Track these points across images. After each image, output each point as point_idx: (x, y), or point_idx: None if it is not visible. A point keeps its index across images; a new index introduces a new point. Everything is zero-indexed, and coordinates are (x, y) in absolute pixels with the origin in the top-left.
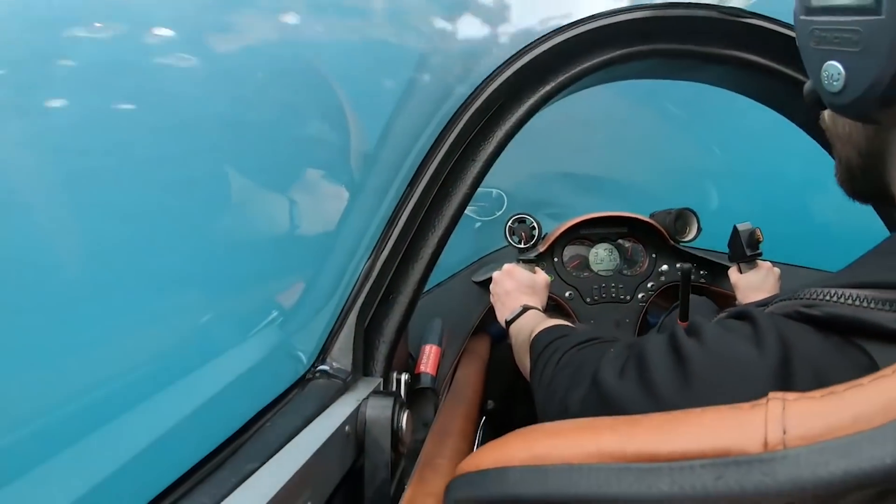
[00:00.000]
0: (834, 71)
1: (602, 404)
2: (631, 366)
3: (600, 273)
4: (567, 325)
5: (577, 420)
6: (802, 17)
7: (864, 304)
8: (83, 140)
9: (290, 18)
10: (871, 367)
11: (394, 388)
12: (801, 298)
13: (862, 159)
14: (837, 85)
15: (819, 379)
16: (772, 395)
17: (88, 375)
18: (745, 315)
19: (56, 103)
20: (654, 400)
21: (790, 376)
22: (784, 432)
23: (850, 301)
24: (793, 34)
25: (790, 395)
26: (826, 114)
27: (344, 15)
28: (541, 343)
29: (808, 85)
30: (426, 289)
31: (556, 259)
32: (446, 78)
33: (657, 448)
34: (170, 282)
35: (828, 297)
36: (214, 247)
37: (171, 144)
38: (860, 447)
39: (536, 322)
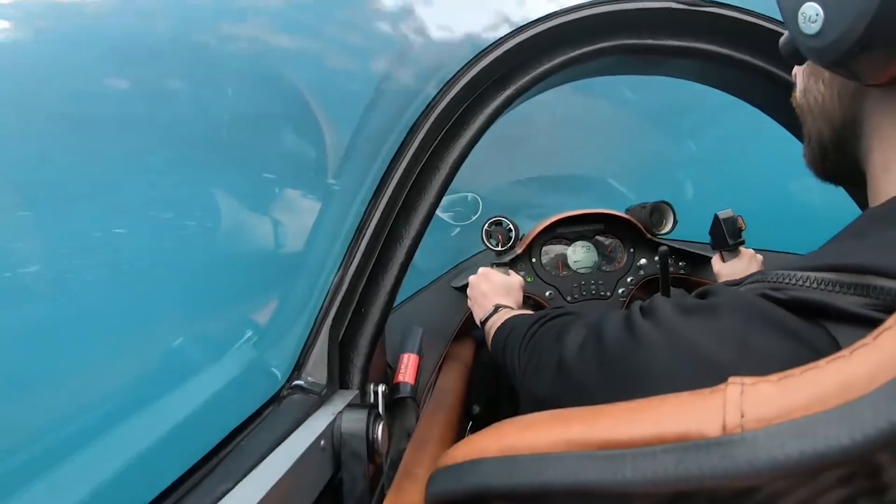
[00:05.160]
0: (812, 11)
1: (564, 380)
2: (590, 341)
3: (579, 271)
4: (518, 316)
5: (547, 412)
6: None
7: (828, 287)
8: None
9: (250, 27)
10: (834, 347)
11: (371, 400)
12: (768, 281)
13: (835, 133)
14: (815, 27)
15: (780, 361)
16: (731, 379)
17: (59, 398)
18: (708, 292)
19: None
20: (609, 375)
21: (749, 360)
22: (742, 416)
23: (814, 285)
24: (754, 20)
25: (748, 380)
26: (797, 88)
27: (305, 26)
28: (498, 342)
29: (784, 37)
30: (406, 296)
31: (534, 259)
32: (408, 85)
33: (620, 434)
34: (139, 303)
35: (793, 281)
36: (185, 267)
37: (135, 161)
38: (815, 428)
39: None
